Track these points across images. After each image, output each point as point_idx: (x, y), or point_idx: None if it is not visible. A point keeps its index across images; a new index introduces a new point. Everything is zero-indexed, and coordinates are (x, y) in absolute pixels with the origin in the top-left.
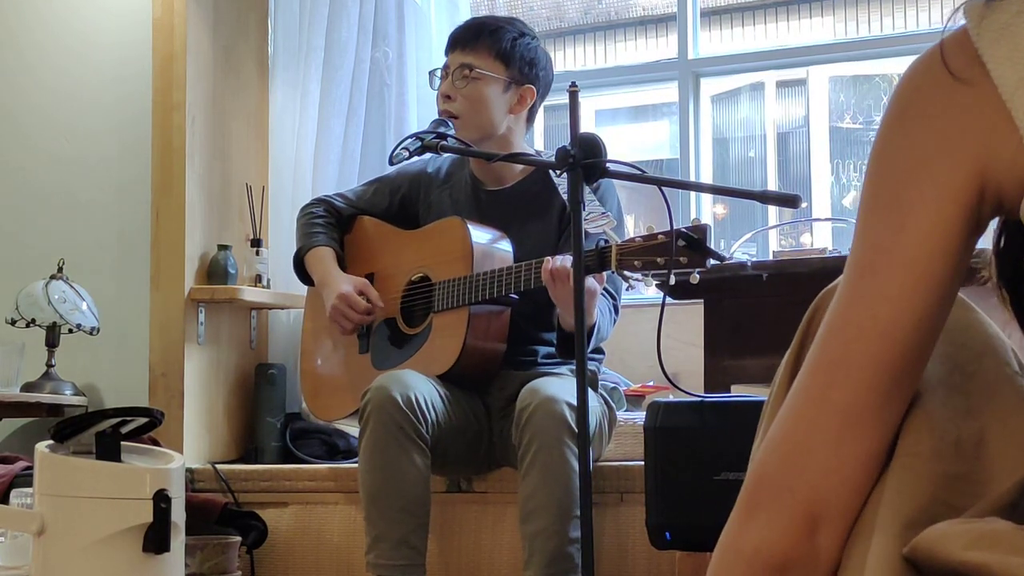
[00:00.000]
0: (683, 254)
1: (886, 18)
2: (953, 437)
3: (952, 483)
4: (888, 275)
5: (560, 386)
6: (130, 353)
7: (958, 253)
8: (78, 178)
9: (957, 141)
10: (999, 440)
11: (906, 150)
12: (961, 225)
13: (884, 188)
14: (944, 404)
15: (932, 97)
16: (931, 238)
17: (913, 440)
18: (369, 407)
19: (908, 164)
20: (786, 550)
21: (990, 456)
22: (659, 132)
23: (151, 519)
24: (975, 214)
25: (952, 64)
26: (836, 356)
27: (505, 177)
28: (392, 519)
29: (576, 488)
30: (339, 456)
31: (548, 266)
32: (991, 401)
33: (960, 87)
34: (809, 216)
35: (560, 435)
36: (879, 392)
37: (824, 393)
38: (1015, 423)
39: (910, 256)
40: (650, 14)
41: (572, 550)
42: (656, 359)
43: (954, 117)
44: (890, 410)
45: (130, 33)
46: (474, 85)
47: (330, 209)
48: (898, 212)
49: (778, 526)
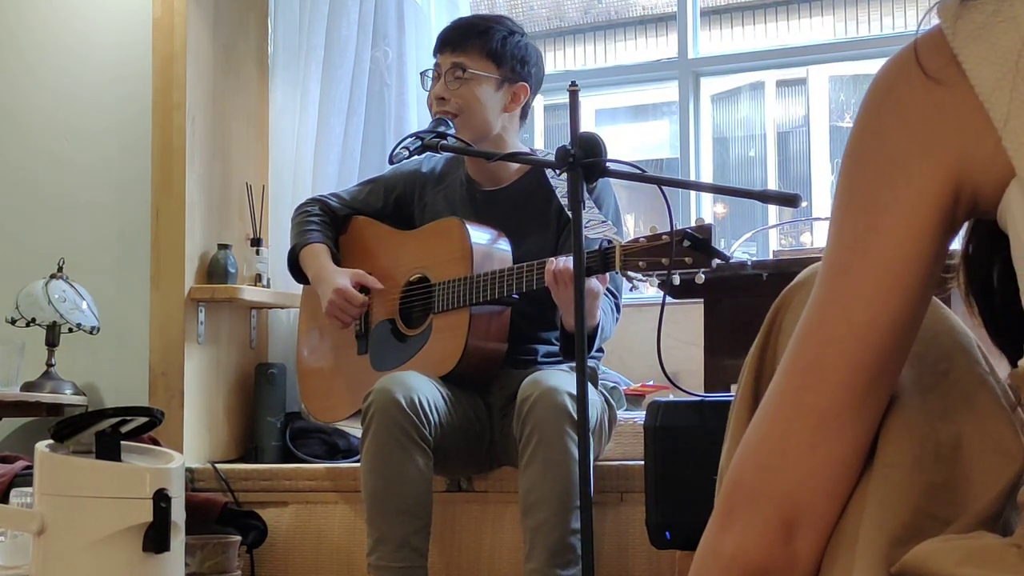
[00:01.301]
0: (688, 254)
1: (886, 17)
2: (932, 443)
3: (934, 493)
4: (863, 276)
5: (561, 378)
6: (130, 352)
7: (933, 255)
8: (78, 178)
9: (933, 141)
10: (977, 445)
11: (881, 151)
12: (936, 226)
13: (858, 188)
14: (920, 407)
15: (907, 97)
16: (906, 239)
17: (893, 449)
18: (372, 409)
19: (883, 165)
20: (763, 556)
21: (968, 461)
22: (659, 131)
23: (151, 518)
24: (950, 215)
25: (927, 64)
26: (811, 359)
27: (501, 177)
28: (394, 521)
29: (577, 479)
30: (339, 456)
31: (551, 267)
32: (966, 403)
33: (935, 87)
34: (809, 215)
35: (562, 426)
36: (855, 395)
37: (799, 396)
38: (992, 428)
39: (885, 257)
40: (650, 13)
41: (574, 541)
42: (656, 358)
43: (929, 117)
44: (866, 413)
45: (130, 33)
46: (467, 86)
47: (325, 208)
48: (873, 213)
49: (754, 532)
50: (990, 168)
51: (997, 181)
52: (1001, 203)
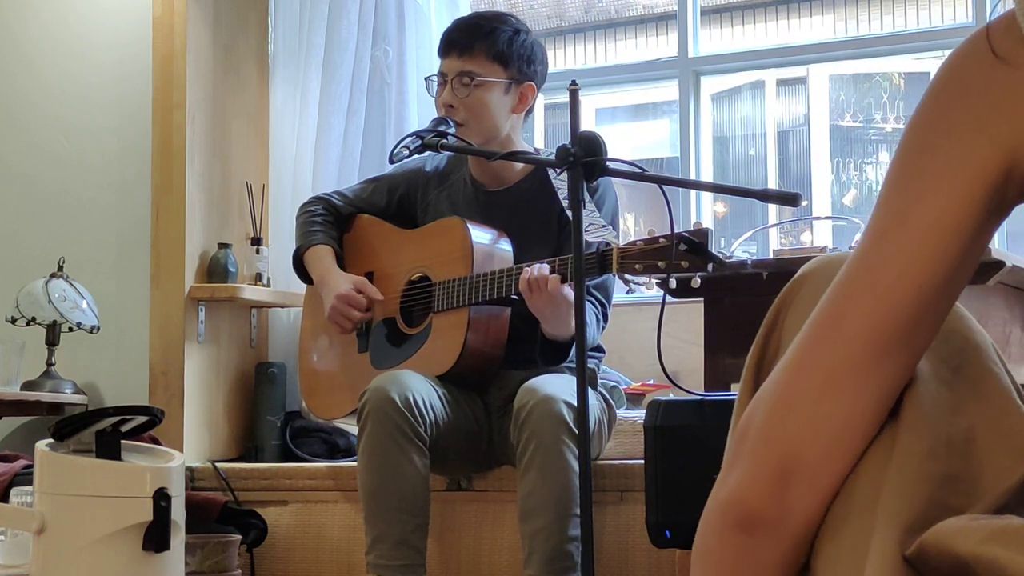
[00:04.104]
0: (684, 258)
1: (886, 16)
2: (945, 434)
3: (947, 483)
4: (897, 241)
5: (558, 385)
6: (130, 352)
7: (974, 230)
8: (78, 177)
9: (988, 116)
10: (989, 439)
11: (936, 123)
12: (981, 202)
13: (909, 158)
14: (934, 400)
15: (971, 74)
16: (947, 210)
17: (907, 438)
18: (367, 408)
19: (936, 136)
20: (756, 502)
21: (980, 454)
22: (659, 130)
23: (151, 517)
24: (999, 194)
25: (996, 45)
26: (832, 313)
27: (505, 178)
28: (391, 519)
29: (575, 486)
30: (339, 455)
31: (526, 275)
32: (978, 398)
33: (1001, 66)
34: (809, 214)
35: (558, 434)
36: (868, 355)
37: (815, 348)
38: (1005, 425)
39: (922, 225)
40: (650, 12)
41: (571, 548)
42: (656, 357)
43: (990, 94)
44: (878, 376)
45: (130, 32)
46: (476, 92)
47: (329, 207)
48: (919, 181)
49: (749, 477)
50: None
51: None
52: None
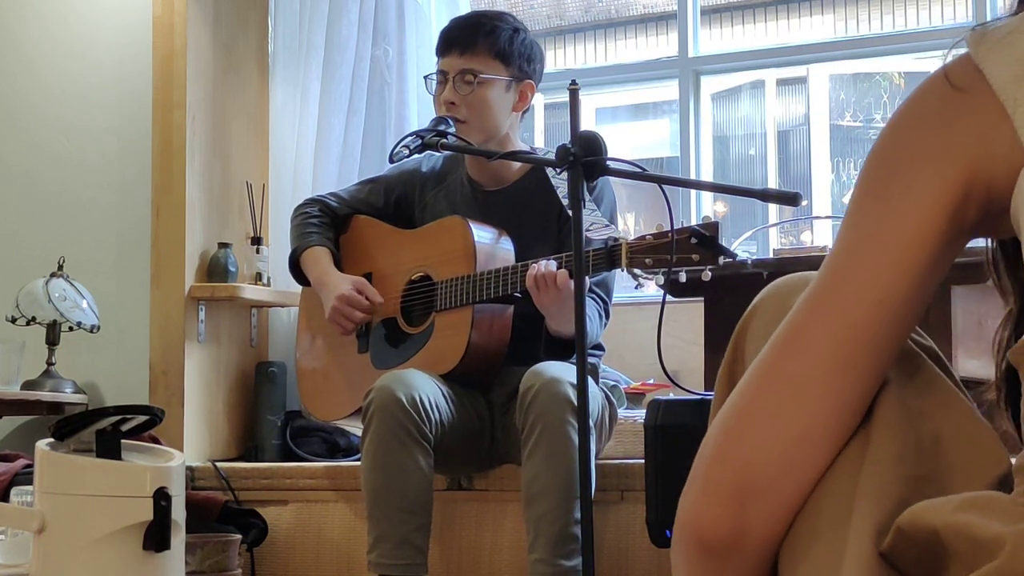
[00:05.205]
0: (694, 251)
1: (886, 16)
2: (913, 439)
3: (918, 485)
4: (861, 256)
5: (563, 369)
6: (130, 351)
7: (936, 251)
8: (78, 177)
9: (948, 138)
10: (955, 441)
11: (898, 148)
12: (943, 222)
13: (873, 182)
14: (898, 406)
15: (930, 104)
16: (910, 231)
17: (876, 447)
18: (372, 407)
19: (898, 161)
20: (711, 526)
21: (948, 456)
22: (659, 130)
23: (151, 517)
24: (959, 214)
25: (953, 78)
26: (794, 326)
27: (503, 177)
28: (394, 519)
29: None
30: (339, 454)
31: (532, 272)
32: (939, 404)
33: (958, 94)
34: (809, 214)
35: (564, 415)
36: (825, 367)
37: (775, 362)
38: (970, 430)
39: (885, 241)
40: (650, 12)
41: (577, 531)
42: (656, 357)
43: (948, 119)
44: (839, 390)
45: (130, 32)
46: (477, 91)
47: (324, 209)
48: (883, 201)
49: (704, 498)
50: (1005, 156)
51: (1011, 169)
52: (1015, 190)
